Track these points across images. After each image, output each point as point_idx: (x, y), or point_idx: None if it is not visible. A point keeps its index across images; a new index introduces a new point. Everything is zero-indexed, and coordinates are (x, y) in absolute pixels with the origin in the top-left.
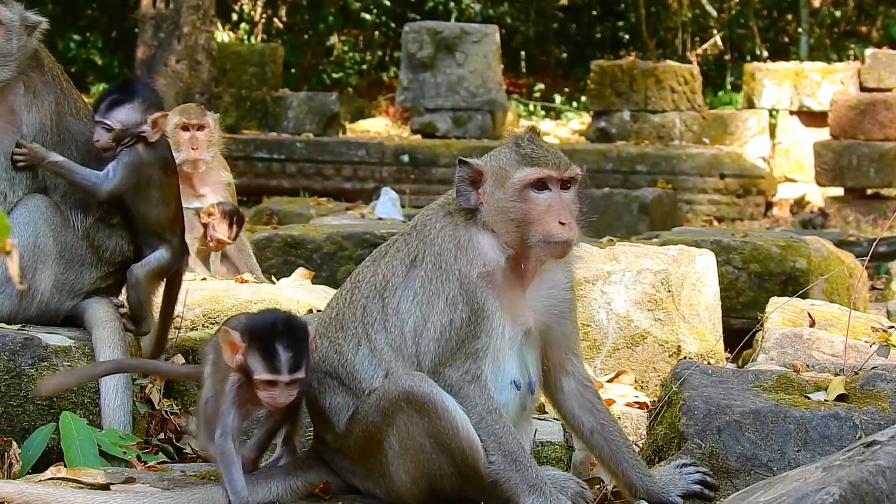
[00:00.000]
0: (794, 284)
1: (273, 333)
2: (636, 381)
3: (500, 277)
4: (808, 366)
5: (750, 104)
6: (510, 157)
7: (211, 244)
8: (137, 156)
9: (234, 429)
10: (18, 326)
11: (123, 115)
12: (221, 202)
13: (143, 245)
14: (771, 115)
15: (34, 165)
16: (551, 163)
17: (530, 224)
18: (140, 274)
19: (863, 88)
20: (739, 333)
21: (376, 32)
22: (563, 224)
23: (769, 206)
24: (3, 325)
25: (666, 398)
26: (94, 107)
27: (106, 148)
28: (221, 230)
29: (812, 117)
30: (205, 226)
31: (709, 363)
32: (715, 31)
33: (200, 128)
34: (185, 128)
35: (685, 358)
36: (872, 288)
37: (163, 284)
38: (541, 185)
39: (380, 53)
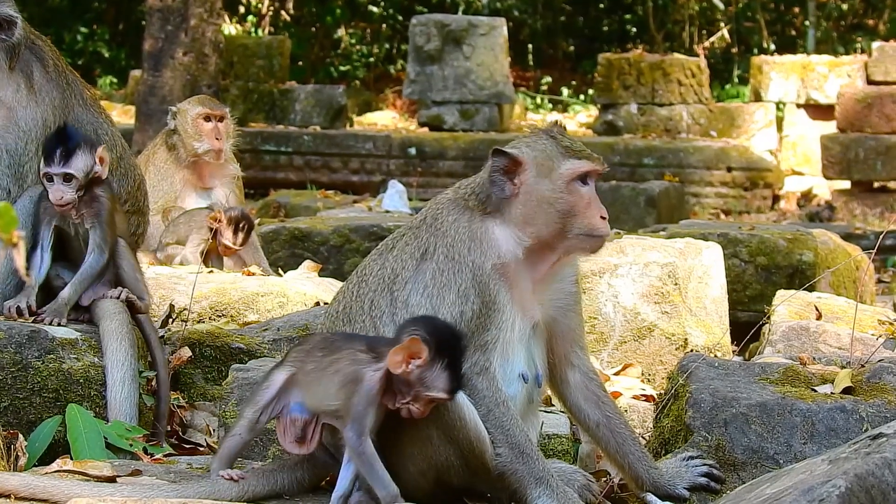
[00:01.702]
0: (800, 277)
1: (458, 352)
2: (643, 374)
3: (513, 270)
4: (814, 358)
5: (757, 97)
6: (553, 149)
7: (220, 248)
8: (105, 205)
9: (372, 430)
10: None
11: (81, 162)
12: (230, 208)
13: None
14: (778, 108)
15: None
16: (594, 157)
17: (574, 217)
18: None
19: (870, 81)
20: (746, 326)
21: (383, 25)
22: (604, 218)
23: (776, 199)
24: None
25: (672, 391)
26: (45, 162)
27: (69, 203)
28: (227, 237)
29: (819, 110)
30: (214, 229)
31: (715, 356)
32: (722, 25)
33: (221, 118)
34: (208, 118)
35: (692, 351)
36: (879, 281)
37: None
38: (584, 178)
39: (387, 46)
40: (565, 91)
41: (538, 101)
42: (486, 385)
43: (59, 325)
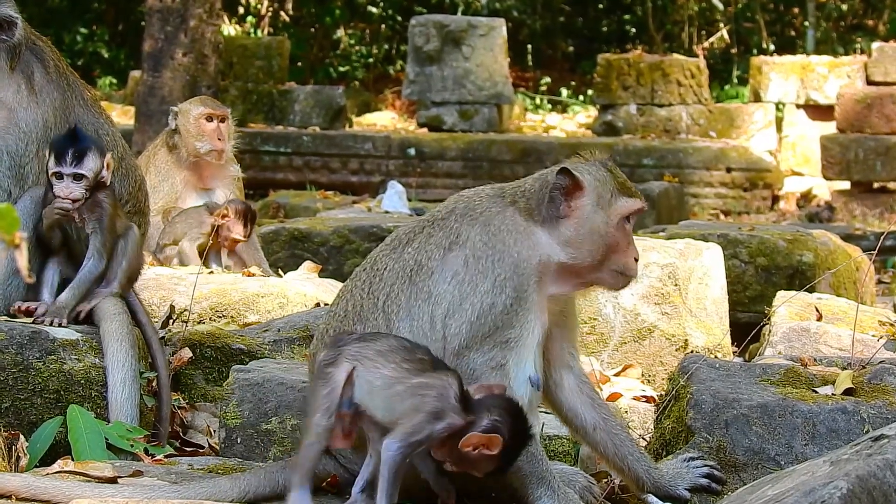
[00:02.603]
0: (801, 278)
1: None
2: (643, 375)
3: (548, 275)
4: (815, 360)
5: (756, 98)
6: (610, 182)
7: (225, 243)
8: (107, 210)
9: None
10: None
11: (93, 164)
12: (233, 201)
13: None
14: (777, 108)
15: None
16: (642, 197)
17: (615, 253)
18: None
19: (869, 82)
20: (746, 327)
21: (383, 26)
22: (636, 260)
23: (776, 199)
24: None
25: (673, 392)
26: (56, 162)
27: (77, 200)
28: (237, 230)
29: (819, 111)
30: (216, 226)
31: (716, 357)
32: (721, 25)
33: (223, 119)
34: (210, 118)
35: (692, 352)
36: (879, 282)
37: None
38: (630, 217)
39: (386, 47)
40: (564, 91)
41: (537, 101)
42: (499, 381)
43: (59, 325)
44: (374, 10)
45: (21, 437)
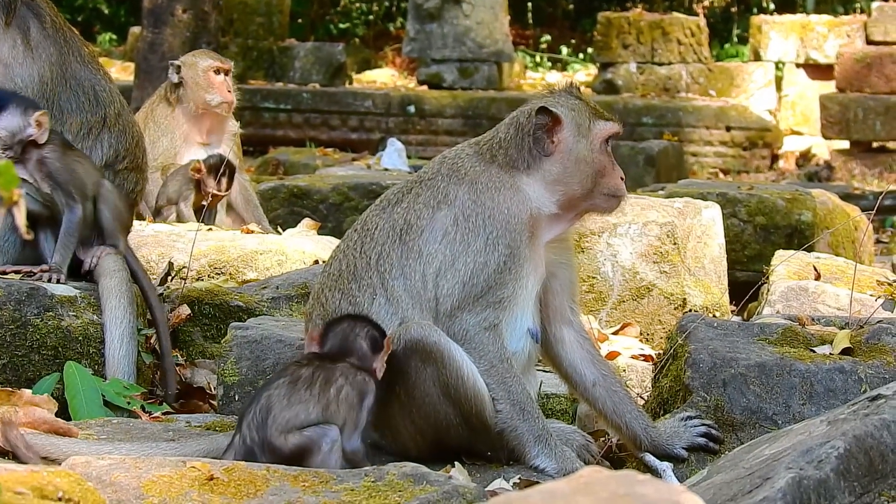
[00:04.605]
0: (799, 237)
1: None
2: (641, 334)
3: (540, 225)
4: (813, 319)
5: (756, 57)
6: (584, 109)
7: (207, 198)
8: (55, 164)
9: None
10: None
11: (6, 122)
12: (211, 155)
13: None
14: (777, 67)
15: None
16: (616, 119)
17: (603, 177)
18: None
19: (869, 41)
20: (745, 286)
21: None
22: (623, 179)
23: (775, 158)
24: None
25: (671, 351)
26: None
27: None
28: (210, 184)
29: (818, 70)
30: (198, 182)
31: (714, 316)
32: None
33: (228, 72)
34: (218, 71)
35: (690, 311)
36: (878, 241)
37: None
38: (609, 139)
39: (386, 4)
40: (564, 50)
41: (537, 59)
42: (492, 341)
43: (58, 282)
44: None
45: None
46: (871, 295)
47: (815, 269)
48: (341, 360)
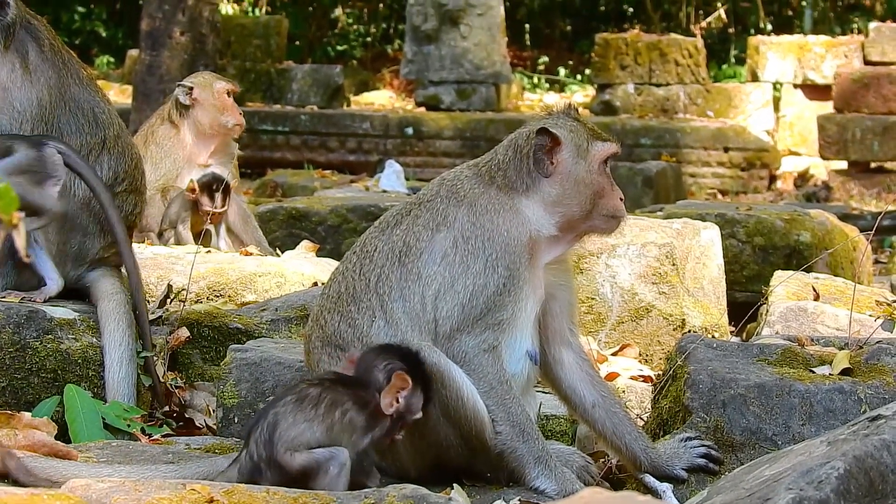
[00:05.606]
0: (798, 258)
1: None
2: (640, 355)
3: (539, 248)
4: (812, 339)
5: (754, 77)
6: (582, 130)
7: (205, 218)
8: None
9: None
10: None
11: None
12: (203, 175)
13: None
14: (775, 88)
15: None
16: (614, 139)
17: (602, 198)
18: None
19: (866, 62)
20: (744, 307)
21: (380, 4)
22: (622, 200)
23: (773, 179)
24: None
25: (671, 372)
26: None
27: None
28: (205, 202)
29: (816, 90)
30: (194, 202)
31: (713, 337)
32: (719, 4)
33: (235, 95)
34: (229, 93)
35: (690, 331)
36: (876, 262)
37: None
38: (607, 160)
39: (384, 26)
40: (562, 71)
41: (535, 80)
42: (491, 363)
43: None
44: None
45: None
46: (870, 315)
47: (814, 290)
48: (355, 387)
